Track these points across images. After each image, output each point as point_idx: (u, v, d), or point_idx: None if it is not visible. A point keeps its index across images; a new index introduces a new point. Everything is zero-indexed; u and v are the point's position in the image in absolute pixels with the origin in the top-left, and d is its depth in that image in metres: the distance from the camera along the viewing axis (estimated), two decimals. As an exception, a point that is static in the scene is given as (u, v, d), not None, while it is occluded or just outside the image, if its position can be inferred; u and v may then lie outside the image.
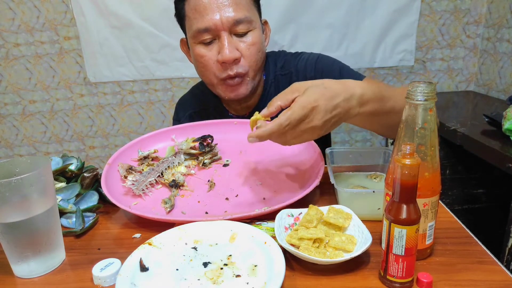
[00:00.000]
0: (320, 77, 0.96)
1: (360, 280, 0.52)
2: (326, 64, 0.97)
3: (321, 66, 0.97)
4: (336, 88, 0.65)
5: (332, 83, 0.66)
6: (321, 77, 0.96)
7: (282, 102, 0.65)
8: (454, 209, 1.64)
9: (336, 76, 0.94)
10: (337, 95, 0.64)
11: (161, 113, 2.18)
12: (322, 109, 0.62)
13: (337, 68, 0.96)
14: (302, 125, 0.63)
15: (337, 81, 0.67)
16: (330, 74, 0.95)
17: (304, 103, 0.62)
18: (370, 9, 1.97)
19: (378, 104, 0.68)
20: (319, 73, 0.97)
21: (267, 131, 0.62)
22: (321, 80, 0.67)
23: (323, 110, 0.62)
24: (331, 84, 0.65)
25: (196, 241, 0.60)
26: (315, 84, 0.66)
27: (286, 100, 0.65)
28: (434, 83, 0.51)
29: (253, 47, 0.89)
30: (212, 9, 0.85)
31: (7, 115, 2.15)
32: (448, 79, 2.16)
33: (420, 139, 0.52)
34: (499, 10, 1.91)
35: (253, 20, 0.89)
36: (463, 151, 1.46)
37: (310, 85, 0.65)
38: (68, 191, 0.74)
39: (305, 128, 0.63)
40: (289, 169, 0.80)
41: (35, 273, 0.58)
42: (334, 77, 0.94)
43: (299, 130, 0.63)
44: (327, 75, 0.95)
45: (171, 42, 1.98)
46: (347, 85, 0.66)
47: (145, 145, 0.88)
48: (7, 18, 1.96)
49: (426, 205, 0.53)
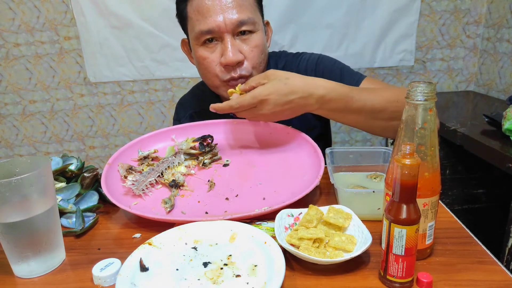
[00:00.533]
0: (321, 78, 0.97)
1: (360, 280, 0.52)
2: (327, 65, 0.97)
3: (322, 67, 0.97)
4: (296, 85, 0.74)
5: (297, 80, 0.75)
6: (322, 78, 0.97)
7: (255, 83, 0.77)
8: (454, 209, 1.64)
9: (337, 77, 0.94)
10: (293, 92, 0.74)
11: (161, 113, 2.18)
12: (271, 102, 0.74)
13: (338, 69, 0.96)
14: (253, 111, 0.76)
15: (303, 78, 0.76)
16: (330, 75, 0.95)
17: (256, 94, 0.74)
18: (370, 9, 1.97)
19: (343, 104, 0.76)
20: (319, 74, 0.96)
21: (221, 107, 0.78)
22: (289, 73, 0.76)
23: (273, 104, 0.74)
24: (294, 81, 0.75)
25: (196, 241, 0.60)
26: (280, 77, 0.75)
27: (257, 83, 0.76)
28: (434, 83, 0.51)
29: (256, 49, 0.88)
30: (215, 11, 0.84)
31: (7, 115, 2.15)
32: (448, 79, 2.16)
33: (420, 139, 0.52)
34: (499, 10, 1.91)
35: (256, 21, 0.89)
36: (463, 151, 1.46)
37: (275, 77, 0.75)
38: (68, 191, 0.74)
39: (255, 114, 0.76)
40: (289, 169, 0.80)
41: (35, 273, 0.58)
42: (335, 78, 0.94)
43: (252, 114, 0.77)
44: (327, 76, 0.95)
45: (171, 42, 1.99)
46: (311, 84, 0.75)
47: (145, 145, 0.88)
48: (7, 18, 1.96)
49: (426, 205, 0.53)
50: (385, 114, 0.78)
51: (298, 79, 0.75)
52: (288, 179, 0.77)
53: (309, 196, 0.70)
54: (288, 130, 0.86)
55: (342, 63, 0.98)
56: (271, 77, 0.75)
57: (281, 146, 0.86)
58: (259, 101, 0.74)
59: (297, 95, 0.74)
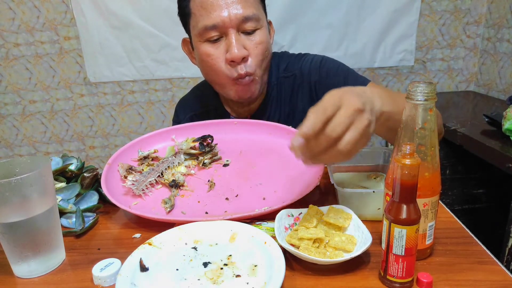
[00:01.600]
0: (325, 81, 0.96)
1: (360, 280, 0.52)
2: (331, 67, 0.96)
3: (326, 68, 0.96)
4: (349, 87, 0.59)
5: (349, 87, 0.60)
6: (326, 81, 0.96)
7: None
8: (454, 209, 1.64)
9: (342, 79, 0.93)
10: (353, 88, 0.58)
11: (161, 113, 2.18)
12: (350, 91, 0.55)
13: (343, 72, 0.94)
14: (343, 110, 0.52)
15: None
16: (334, 78, 0.93)
17: (330, 93, 0.55)
18: (370, 9, 1.97)
19: (395, 106, 0.63)
20: (323, 77, 0.95)
21: (306, 127, 0.52)
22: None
23: (352, 92, 0.55)
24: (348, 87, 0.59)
25: (196, 241, 0.60)
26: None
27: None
28: (434, 83, 0.51)
29: (261, 45, 0.88)
30: (219, 6, 0.83)
31: (7, 115, 2.15)
32: (448, 79, 2.16)
33: (420, 139, 0.52)
34: (499, 10, 1.91)
35: (261, 18, 0.88)
36: (463, 151, 1.46)
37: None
38: (68, 191, 0.74)
39: (350, 112, 0.52)
40: (289, 169, 0.80)
41: (35, 273, 0.58)
42: (339, 81, 0.93)
43: (347, 118, 0.52)
44: (332, 79, 0.94)
45: (171, 42, 1.98)
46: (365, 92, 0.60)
47: (145, 145, 0.87)
48: (7, 18, 1.96)
49: (426, 205, 0.53)
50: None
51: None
52: (288, 179, 0.77)
53: (309, 196, 0.70)
54: (288, 130, 0.86)
55: (347, 66, 0.97)
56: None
57: (281, 146, 0.86)
58: (338, 96, 0.54)
59: (363, 94, 0.57)
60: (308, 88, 0.98)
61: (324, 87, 0.95)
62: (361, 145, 0.55)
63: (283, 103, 1.00)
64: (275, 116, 1.01)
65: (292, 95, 1.00)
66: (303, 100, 0.99)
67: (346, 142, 0.52)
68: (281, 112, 1.01)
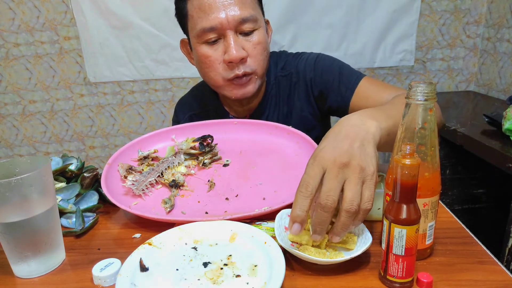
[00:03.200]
0: (320, 77, 0.97)
1: (360, 280, 0.52)
2: (325, 63, 0.97)
3: (321, 66, 0.96)
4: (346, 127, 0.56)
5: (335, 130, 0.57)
6: (321, 77, 0.96)
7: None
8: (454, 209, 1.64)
9: (336, 75, 0.93)
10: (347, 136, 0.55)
11: (161, 113, 2.18)
12: (324, 149, 0.53)
13: (337, 67, 0.95)
14: (329, 174, 0.50)
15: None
16: (329, 73, 0.94)
17: (309, 161, 0.53)
18: (370, 9, 1.97)
19: (392, 122, 0.61)
20: (318, 73, 0.96)
21: (295, 212, 0.51)
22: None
23: (327, 148, 0.53)
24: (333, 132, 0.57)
25: (196, 241, 0.60)
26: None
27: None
28: (434, 83, 0.51)
29: (259, 46, 0.88)
30: (217, 8, 0.83)
31: (7, 115, 2.15)
32: (448, 79, 2.16)
33: (420, 139, 0.52)
34: (499, 10, 1.91)
35: (258, 19, 0.88)
36: (463, 151, 1.46)
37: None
38: (68, 191, 0.74)
39: (335, 172, 0.50)
40: (289, 169, 0.80)
41: (35, 273, 0.58)
42: (333, 76, 0.93)
43: (336, 179, 0.50)
44: (326, 75, 0.95)
45: (171, 42, 1.99)
46: (359, 123, 0.57)
47: (145, 145, 0.88)
48: (7, 18, 1.96)
49: (426, 205, 0.53)
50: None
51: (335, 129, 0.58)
52: (288, 179, 0.77)
53: (309, 196, 0.70)
54: (288, 130, 0.86)
55: (342, 62, 0.97)
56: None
57: (281, 146, 0.86)
58: (312, 158, 0.53)
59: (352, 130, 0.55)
60: (304, 85, 0.98)
61: (319, 84, 0.96)
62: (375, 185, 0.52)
63: (281, 101, 1.01)
64: (274, 115, 1.01)
65: (289, 93, 1.00)
66: (300, 99, 0.99)
67: (363, 201, 0.50)
68: (279, 111, 1.01)
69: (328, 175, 0.51)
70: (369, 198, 0.50)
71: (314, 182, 0.51)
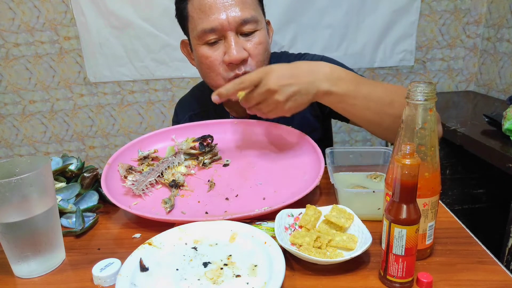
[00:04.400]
0: None
1: (360, 280, 0.52)
2: None
3: None
4: (301, 63, 0.73)
5: (300, 62, 0.74)
6: None
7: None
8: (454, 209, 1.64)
9: None
10: (299, 66, 0.72)
11: (161, 113, 2.18)
12: (276, 73, 0.70)
13: None
14: (259, 89, 0.71)
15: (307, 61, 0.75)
16: None
17: (261, 68, 0.72)
18: (370, 9, 1.97)
19: (353, 86, 0.73)
20: None
21: (226, 88, 0.74)
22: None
23: (278, 74, 0.70)
24: (298, 62, 0.74)
25: (196, 241, 0.60)
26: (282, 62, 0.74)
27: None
28: (434, 83, 0.51)
29: (260, 46, 0.87)
30: (218, 9, 0.83)
31: (7, 115, 2.15)
32: (448, 79, 2.16)
33: (420, 139, 0.52)
34: (499, 10, 1.91)
35: (259, 19, 0.88)
36: (463, 151, 1.46)
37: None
38: (68, 191, 0.74)
39: (262, 91, 0.71)
40: (289, 169, 0.80)
41: (35, 273, 0.58)
42: None
43: (259, 95, 0.71)
44: None
45: (171, 42, 1.99)
46: (315, 63, 0.73)
47: (145, 145, 0.88)
48: (7, 18, 1.96)
49: (426, 205, 0.53)
50: (393, 108, 0.74)
51: (302, 62, 0.75)
52: (288, 179, 0.77)
53: (309, 196, 0.70)
54: (288, 130, 0.86)
55: (344, 65, 0.97)
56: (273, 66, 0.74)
57: (281, 146, 0.86)
58: (263, 73, 0.71)
59: (304, 69, 0.72)
60: None
61: None
62: (290, 109, 0.73)
63: None
64: None
65: None
66: None
67: (261, 113, 0.75)
68: None
69: (257, 90, 0.71)
70: (263, 113, 0.76)
71: (248, 84, 0.72)
